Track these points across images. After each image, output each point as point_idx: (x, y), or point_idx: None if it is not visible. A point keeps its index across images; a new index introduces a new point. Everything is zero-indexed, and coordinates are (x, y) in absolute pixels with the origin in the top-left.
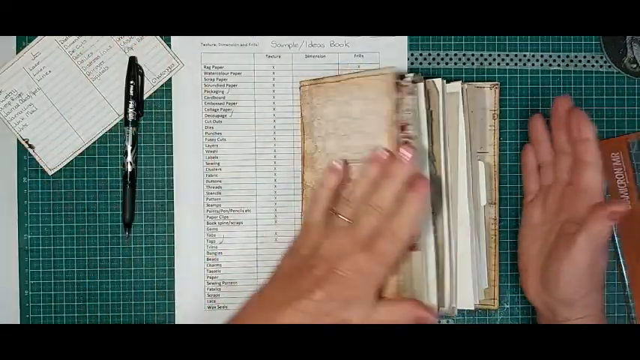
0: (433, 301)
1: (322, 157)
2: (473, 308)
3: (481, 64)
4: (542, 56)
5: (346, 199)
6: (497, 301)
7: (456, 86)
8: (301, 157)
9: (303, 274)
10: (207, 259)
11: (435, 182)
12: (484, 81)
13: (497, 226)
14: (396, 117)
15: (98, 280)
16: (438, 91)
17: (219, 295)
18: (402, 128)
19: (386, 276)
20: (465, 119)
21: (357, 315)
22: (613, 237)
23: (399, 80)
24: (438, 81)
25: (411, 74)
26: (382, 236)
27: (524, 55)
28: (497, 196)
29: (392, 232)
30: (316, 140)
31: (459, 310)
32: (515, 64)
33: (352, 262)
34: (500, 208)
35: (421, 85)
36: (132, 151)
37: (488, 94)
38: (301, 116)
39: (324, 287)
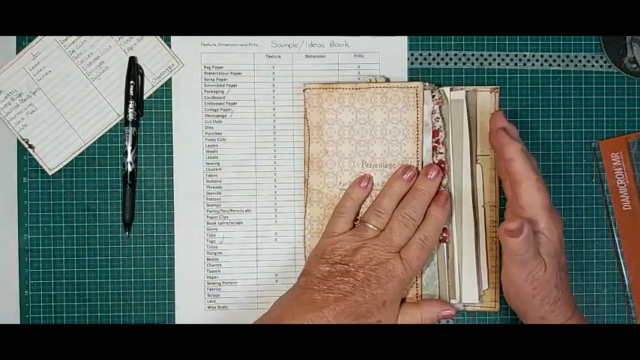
0: (444, 296)
1: (334, 160)
2: (478, 301)
3: (481, 64)
4: (542, 56)
5: (376, 211)
6: (498, 303)
7: (460, 94)
8: (305, 160)
9: (340, 278)
10: (207, 259)
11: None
12: (484, 82)
13: (497, 228)
14: (431, 124)
15: (98, 280)
16: (447, 99)
17: (219, 295)
18: (434, 134)
19: (412, 279)
20: (470, 125)
21: (389, 316)
22: (613, 237)
23: (431, 90)
24: (446, 89)
25: (431, 84)
26: (413, 245)
27: (524, 55)
28: (498, 199)
29: (422, 240)
30: (327, 144)
31: (460, 311)
32: (516, 64)
33: (387, 267)
34: (500, 210)
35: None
36: (132, 151)
37: (489, 98)
38: (306, 119)
39: (363, 290)
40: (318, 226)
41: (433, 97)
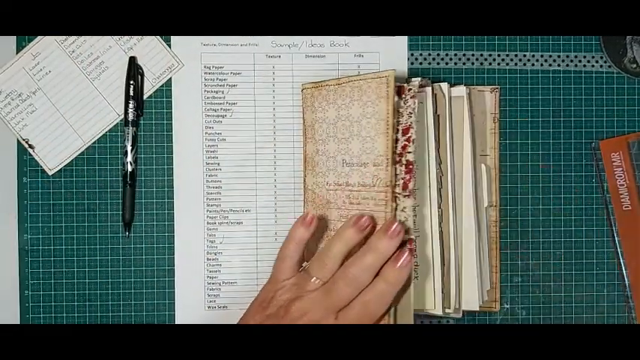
0: (439, 303)
1: (323, 160)
2: (478, 309)
3: (481, 64)
4: (542, 56)
5: (321, 260)
6: (498, 304)
7: (461, 90)
8: (303, 160)
9: None
10: (207, 259)
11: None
12: (484, 82)
13: (498, 228)
14: (401, 120)
15: (98, 280)
16: (444, 96)
17: (219, 295)
18: (405, 132)
19: None
20: (472, 123)
21: None
22: (613, 237)
23: (405, 84)
24: (444, 85)
25: (418, 78)
26: (354, 308)
27: (524, 55)
28: (498, 199)
29: (365, 305)
30: (317, 143)
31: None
32: (516, 64)
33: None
34: (500, 210)
35: (429, 89)
36: (132, 151)
37: (489, 98)
38: (303, 119)
39: None
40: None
41: (403, 88)
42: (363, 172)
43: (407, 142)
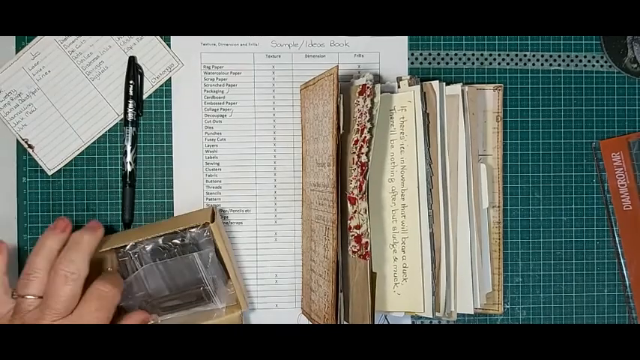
0: (428, 306)
1: (308, 160)
2: (472, 312)
3: (481, 64)
4: (542, 56)
5: (26, 278)
6: (501, 306)
7: (455, 89)
8: (301, 160)
9: None
10: None
11: None
12: (484, 81)
13: (500, 229)
14: (360, 120)
15: None
16: (435, 93)
17: None
18: (361, 132)
19: None
20: (466, 121)
21: None
22: (614, 237)
23: (367, 82)
24: (436, 83)
25: (371, 75)
26: (87, 300)
27: (525, 55)
28: (501, 199)
29: (97, 291)
30: (306, 143)
31: (459, 313)
32: (516, 64)
33: None
34: (504, 210)
35: (417, 87)
36: (131, 151)
37: (491, 96)
38: (300, 119)
39: None
40: (305, 227)
41: (364, 87)
42: (324, 173)
43: (363, 143)
